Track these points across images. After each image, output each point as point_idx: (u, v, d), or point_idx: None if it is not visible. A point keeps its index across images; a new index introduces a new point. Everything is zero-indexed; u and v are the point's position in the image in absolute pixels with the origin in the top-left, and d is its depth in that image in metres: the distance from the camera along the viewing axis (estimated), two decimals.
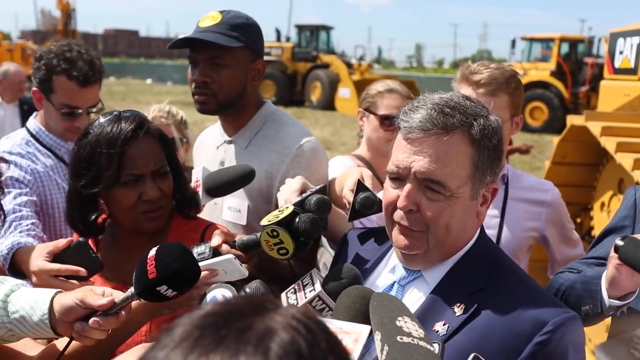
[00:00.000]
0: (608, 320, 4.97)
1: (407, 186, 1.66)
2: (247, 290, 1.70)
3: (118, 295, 1.74)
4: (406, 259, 1.76)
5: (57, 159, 3.10)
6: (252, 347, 0.79)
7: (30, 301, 1.76)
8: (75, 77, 2.95)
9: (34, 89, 3.07)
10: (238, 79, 2.69)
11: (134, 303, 1.81)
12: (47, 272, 2.14)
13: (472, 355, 1.41)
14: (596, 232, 5.32)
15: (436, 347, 1.34)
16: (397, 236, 1.73)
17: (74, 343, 1.78)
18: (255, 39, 2.72)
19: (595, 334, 4.99)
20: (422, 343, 1.24)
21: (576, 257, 3.03)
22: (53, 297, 1.76)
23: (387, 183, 1.74)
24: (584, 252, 3.12)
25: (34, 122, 3.16)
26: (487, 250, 1.80)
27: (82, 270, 2.13)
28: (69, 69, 2.95)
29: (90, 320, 1.70)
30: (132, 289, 1.71)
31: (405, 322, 1.30)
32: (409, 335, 1.26)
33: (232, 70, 2.66)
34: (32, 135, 3.11)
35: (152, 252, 1.72)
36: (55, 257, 2.18)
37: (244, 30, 2.65)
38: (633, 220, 2.29)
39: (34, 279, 2.18)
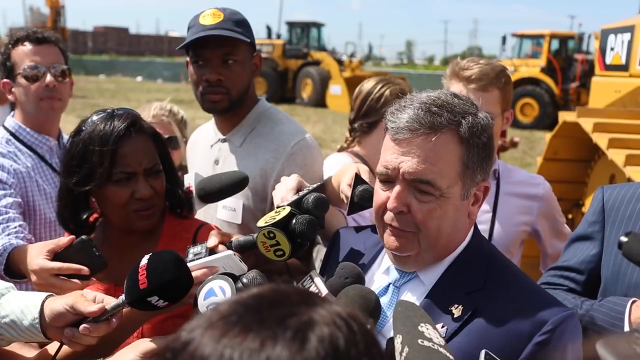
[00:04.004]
0: None
1: (397, 187, 1.64)
2: (244, 280, 1.68)
3: (109, 302, 1.72)
4: (398, 260, 1.74)
5: (38, 158, 3.05)
6: (291, 333, 0.79)
7: (21, 305, 1.74)
8: (28, 38, 3.06)
9: (3, 81, 3.10)
10: (247, 75, 2.70)
11: None
12: (48, 270, 2.07)
13: (483, 352, 1.40)
14: None
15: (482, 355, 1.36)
16: (388, 238, 1.71)
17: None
18: (252, 34, 2.73)
19: None
20: (441, 349, 1.25)
21: None
22: (44, 302, 1.74)
23: (377, 185, 1.72)
24: None
25: (12, 120, 3.12)
26: (482, 249, 1.77)
27: (85, 269, 2.05)
28: (21, 37, 3.07)
29: (81, 327, 1.68)
30: (123, 297, 1.69)
31: (427, 328, 1.31)
32: (429, 340, 1.27)
33: (242, 66, 2.66)
34: (12, 134, 3.06)
35: (144, 260, 1.69)
36: (56, 255, 2.11)
37: (245, 26, 2.66)
38: (602, 226, 2.24)
39: (33, 277, 2.11)
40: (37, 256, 2.11)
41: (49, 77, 3.00)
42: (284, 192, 2.08)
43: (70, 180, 2.15)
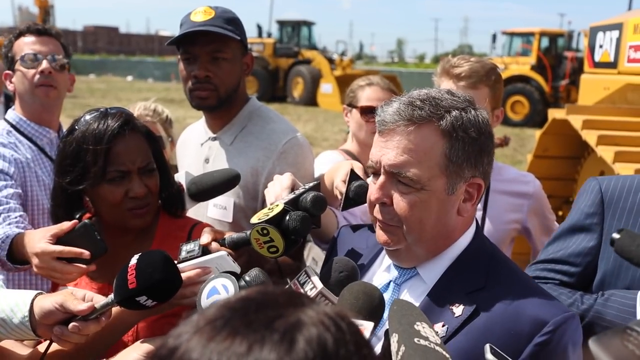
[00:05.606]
0: None
1: (380, 179, 1.66)
2: (247, 278, 1.67)
3: (98, 300, 1.73)
4: (391, 255, 1.75)
5: (38, 150, 3.10)
6: (279, 335, 0.79)
7: (10, 303, 1.75)
8: (30, 30, 3.15)
9: (5, 72, 3.17)
10: (236, 73, 2.71)
11: None
12: (50, 254, 2.08)
13: (487, 346, 1.38)
14: None
15: (487, 349, 1.35)
16: (378, 232, 1.72)
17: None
18: (244, 33, 2.74)
19: None
20: (438, 348, 1.24)
21: None
22: (33, 300, 1.75)
23: (370, 179, 1.74)
24: None
25: (13, 113, 3.17)
26: (484, 248, 1.75)
27: (86, 253, 2.06)
28: (23, 29, 3.16)
29: (70, 325, 1.69)
30: (112, 296, 1.71)
31: (424, 327, 1.29)
32: (426, 339, 1.25)
33: (231, 64, 2.67)
34: (13, 126, 3.11)
35: (134, 260, 1.71)
36: (59, 239, 2.12)
37: (236, 25, 2.67)
38: (601, 218, 2.17)
39: (35, 260, 2.12)
40: (40, 240, 2.13)
41: (44, 64, 3.05)
42: (279, 191, 2.07)
43: (64, 179, 2.15)
